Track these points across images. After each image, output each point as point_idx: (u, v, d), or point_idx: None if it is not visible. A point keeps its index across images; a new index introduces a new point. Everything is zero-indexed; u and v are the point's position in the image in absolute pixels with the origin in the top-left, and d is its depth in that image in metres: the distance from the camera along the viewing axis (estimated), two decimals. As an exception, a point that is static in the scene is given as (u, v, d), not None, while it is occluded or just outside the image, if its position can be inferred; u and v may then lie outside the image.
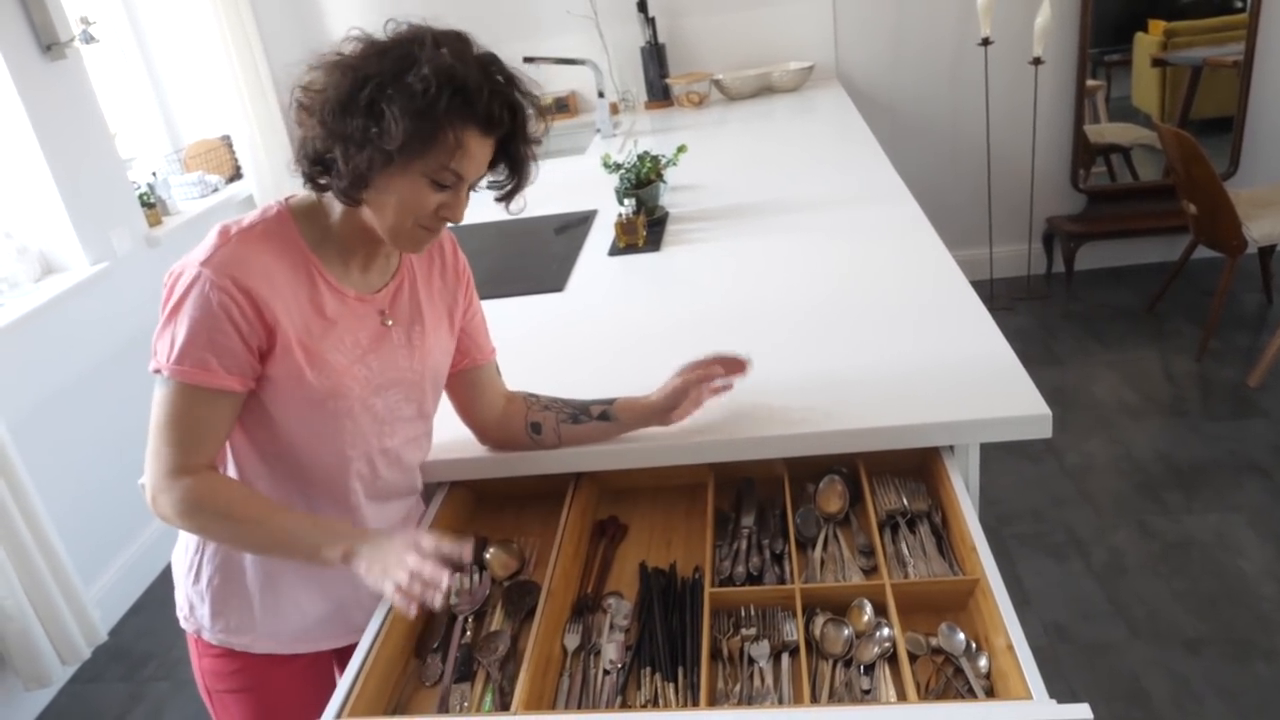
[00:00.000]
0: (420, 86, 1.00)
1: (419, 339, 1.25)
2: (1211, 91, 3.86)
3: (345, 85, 1.03)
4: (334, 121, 1.03)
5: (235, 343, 1.06)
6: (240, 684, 1.29)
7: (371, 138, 1.01)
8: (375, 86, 1.01)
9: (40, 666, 2.39)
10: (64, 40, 2.84)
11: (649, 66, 3.96)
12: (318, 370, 1.13)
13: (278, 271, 1.09)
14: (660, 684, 1.11)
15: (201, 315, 1.04)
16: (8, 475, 2.32)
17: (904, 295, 1.70)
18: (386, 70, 1.02)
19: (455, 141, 1.04)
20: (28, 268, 2.80)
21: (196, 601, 1.26)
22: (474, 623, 1.24)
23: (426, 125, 1.01)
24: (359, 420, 1.19)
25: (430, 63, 1.01)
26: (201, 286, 1.03)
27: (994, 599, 1.07)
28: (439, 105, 1.01)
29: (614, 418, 1.35)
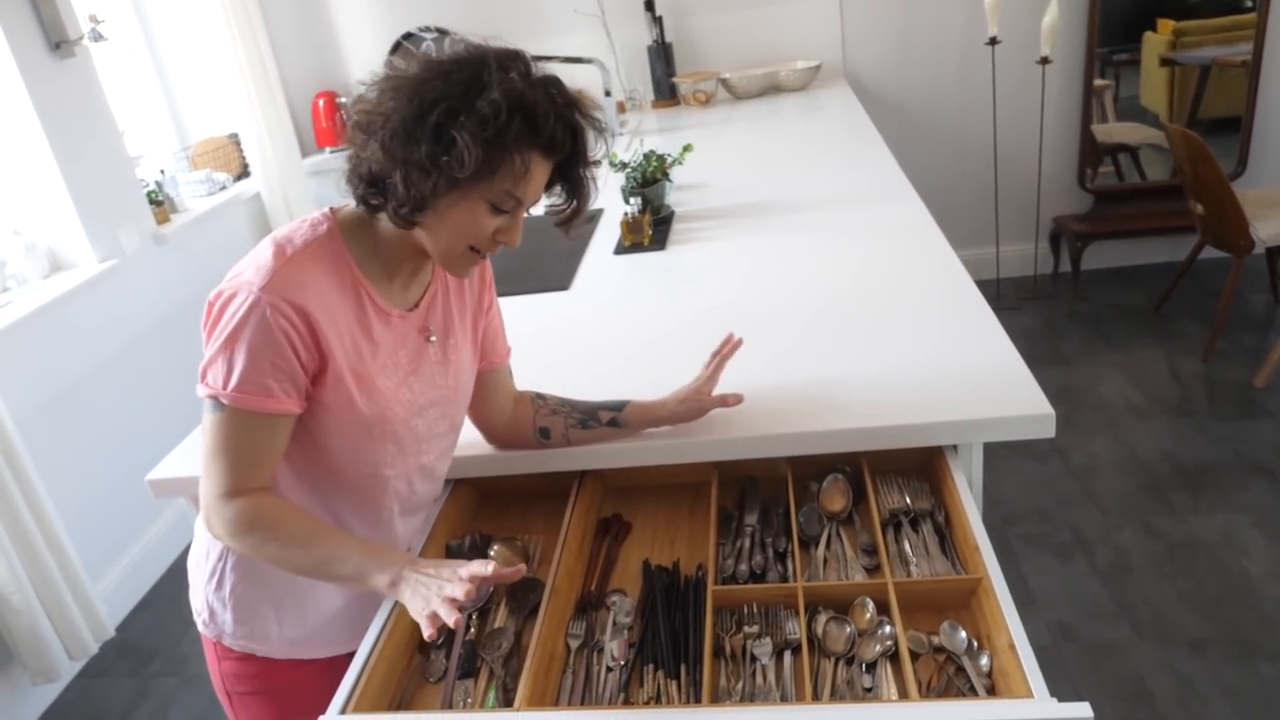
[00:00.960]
0: (490, 111, 0.98)
1: (453, 352, 1.25)
2: (1220, 91, 3.85)
3: (411, 109, 1.00)
4: (397, 146, 1.00)
5: (295, 366, 1.04)
6: (261, 686, 1.30)
7: (441, 165, 0.99)
8: (444, 111, 0.99)
9: (48, 661, 2.41)
10: (73, 38, 2.85)
11: (656, 65, 3.96)
12: (367, 396, 1.12)
13: (330, 294, 1.07)
14: (663, 681, 1.11)
15: (263, 341, 1.02)
16: (16, 471, 2.33)
17: (909, 295, 1.71)
18: (454, 94, 0.99)
19: (522, 166, 1.03)
20: (36, 265, 2.82)
21: (218, 608, 1.26)
22: (478, 619, 1.25)
23: (496, 152, 1.00)
24: (402, 442, 1.19)
25: (500, 86, 0.99)
26: (262, 312, 1.01)
27: (996, 598, 1.07)
28: (510, 131, 0.99)
29: (624, 424, 1.35)
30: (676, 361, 1.58)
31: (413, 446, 1.21)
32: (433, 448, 1.26)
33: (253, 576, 1.23)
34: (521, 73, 1.02)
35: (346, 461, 1.17)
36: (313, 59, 4.22)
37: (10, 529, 2.32)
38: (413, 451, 1.22)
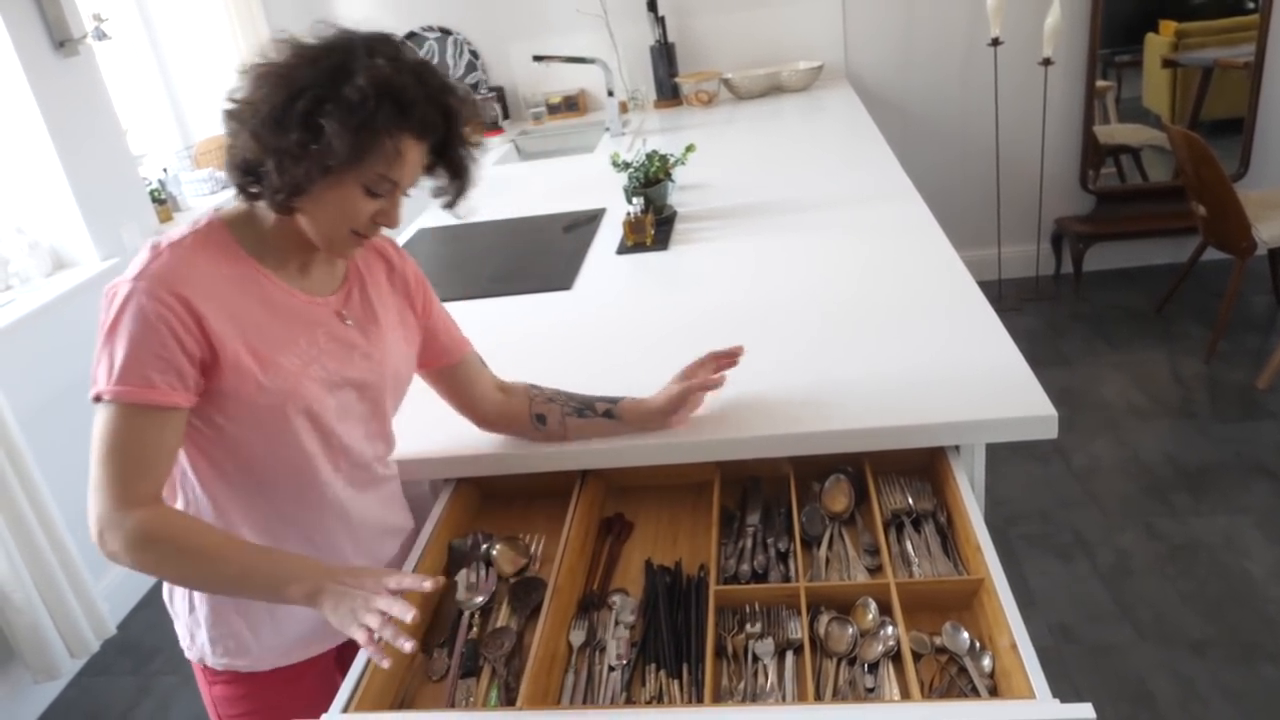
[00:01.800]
0: (358, 98, 0.99)
1: (377, 341, 1.23)
2: (1222, 93, 3.85)
3: (278, 97, 1.00)
4: (268, 134, 1.01)
5: (178, 356, 1.02)
6: (252, 707, 1.29)
7: (311, 153, 1.00)
8: (311, 99, 0.99)
9: (49, 659, 2.41)
10: (77, 37, 2.85)
11: (658, 65, 3.97)
12: (270, 374, 1.10)
13: (217, 279, 1.07)
14: (665, 681, 1.11)
15: (140, 330, 1.01)
16: (18, 469, 2.34)
17: (912, 295, 1.71)
18: (322, 81, 1.00)
19: (394, 150, 1.04)
20: (39, 263, 2.82)
21: (195, 629, 1.26)
22: (480, 618, 1.25)
23: (365, 137, 1.00)
24: (317, 418, 1.16)
25: (367, 72, 0.99)
26: (137, 300, 1.01)
27: (998, 599, 1.07)
28: (378, 117, 1.00)
29: (618, 417, 1.37)
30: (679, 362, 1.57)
31: (329, 422, 1.18)
32: (349, 429, 1.22)
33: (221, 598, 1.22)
34: (390, 57, 1.02)
35: (267, 446, 1.14)
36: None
37: (12, 527, 2.32)
38: (330, 427, 1.18)
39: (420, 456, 1.41)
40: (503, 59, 4.16)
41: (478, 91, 4.15)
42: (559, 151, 3.85)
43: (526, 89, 4.19)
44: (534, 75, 4.13)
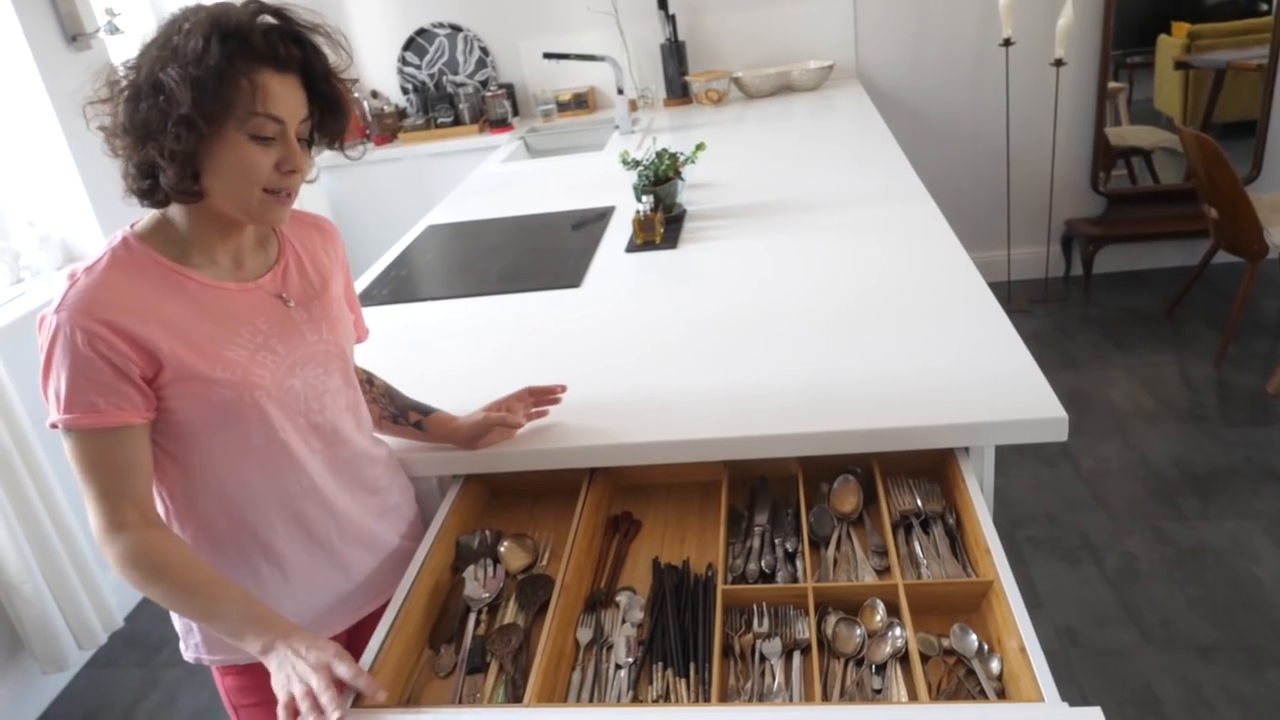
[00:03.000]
0: (189, 45, 0.99)
1: (322, 313, 1.23)
2: (1235, 95, 3.83)
3: (128, 85, 1.03)
4: (132, 122, 1.02)
5: (113, 378, 1.04)
6: (264, 697, 1.26)
7: (166, 110, 1.00)
8: (150, 68, 1.01)
9: (57, 651, 2.42)
10: (89, 31, 2.86)
11: (668, 64, 3.96)
12: (220, 368, 1.10)
13: (139, 295, 1.07)
14: (672, 680, 1.11)
15: (72, 360, 1.03)
16: (28, 462, 2.35)
17: (921, 296, 1.70)
18: (155, 51, 1.02)
19: (250, 85, 1.02)
20: (50, 256, 2.83)
21: (185, 631, 1.27)
22: (487, 615, 1.25)
23: (211, 77, 0.99)
24: (282, 404, 1.16)
25: (193, 21, 1.01)
26: (63, 333, 1.02)
27: (1007, 601, 1.07)
28: (212, 54, 0.99)
29: (426, 429, 1.40)
30: (687, 360, 1.58)
31: (297, 406, 1.19)
32: (323, 405, 1.22)
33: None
34: (218, 5, 1.03)
35: (239, 447, 1.15)
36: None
37: (22, 519, 2.33)
38: (299, 411, 1.19)
39: (428, 452, 1.41)
40: (513, 56, 4.16)
41: (487, 89, 4.15)
42: (568, 149, 3.85)
43: (536, 86, 4.19)
44: (544, 73, 4.13)
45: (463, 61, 4.19)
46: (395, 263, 2.41)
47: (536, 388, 1.43)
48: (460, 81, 4.22)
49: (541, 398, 1.43)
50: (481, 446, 1.39)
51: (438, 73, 4.24)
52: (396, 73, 4.25)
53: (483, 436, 1.38)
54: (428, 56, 4.21)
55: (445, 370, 1.70)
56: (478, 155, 3.86)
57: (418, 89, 4.26)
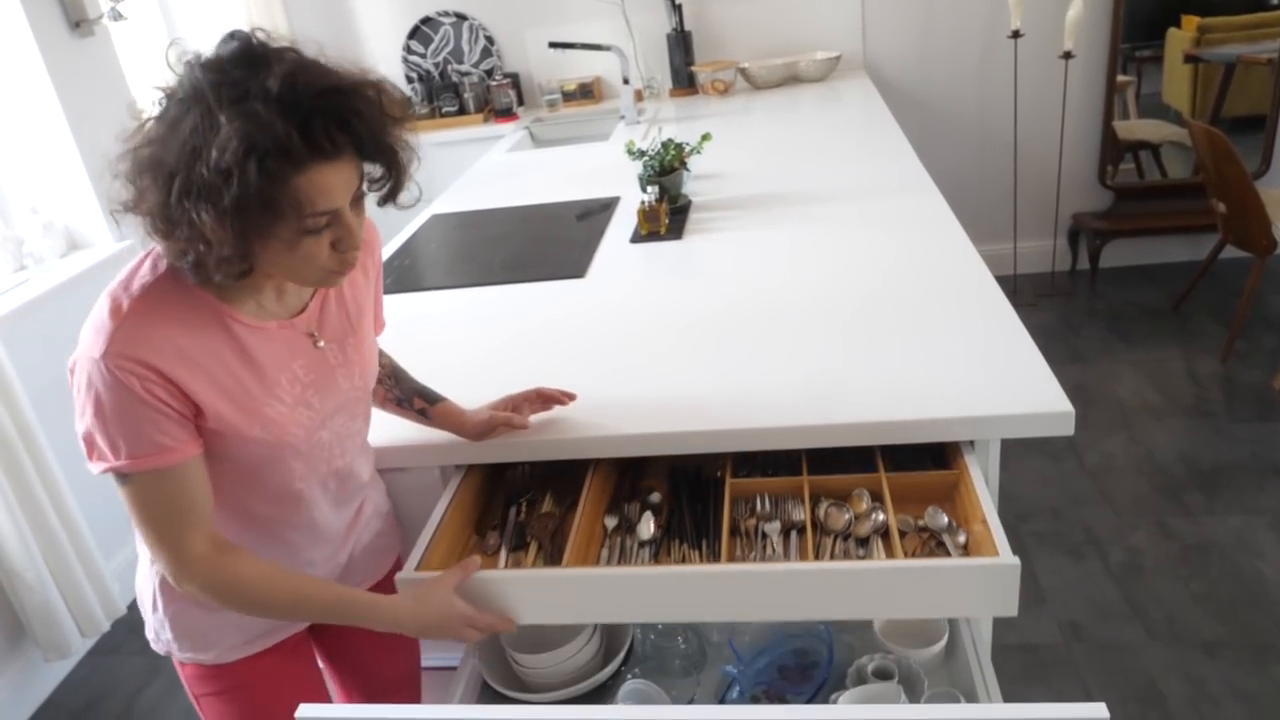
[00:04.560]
0: (220, 180, 0.87)
1: (354, 351, 1.20)
2: (1244, 89, 3.81)
3: (156, 194, 0.92)
4: (167, 231, 0.93)
5: (171, 415, 1.00)
6: (222, 685, 1.29)
7: (204, 246, 0.92)
8: (180, 191, 0.89)
9: (60, 638, 2.43)
10: (92, 17, 2.85)
11: (674, 54, 3.94)
12: (259, 426, 1.08)
13: (185, 336, 1.01)
14: (687, 552, 1.30)
15: (127, 405, 0.97)
16: (31, 450, 2.35)
17: (927, 289, 1.69)
18: (181, 164, 0.89)
19: (296, 194, 0.91)
20: (53, 243, 2.83)
21: (159, 628, 1.25)
22: (527, 508, 1.42)
23: (252, 204, 0.89)
24: (309, 457, 1.17)
25: (220, 145, 0.87)
26: (113, 378, 0.96)
27: (974, 489, 1.22)
28: (252, 183, 0.87)
29: (431, 418, 1.39)
30: (692, 351, 1.57)
31: (321, 455, 1.18)
32: (346, 451, 1.23)
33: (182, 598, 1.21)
34: (240, 96, 0.88)
35: (252, 486, 1.15)
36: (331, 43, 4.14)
37: (25, 506, 2.33)
38: (323, 459, 1.19)
39: (429, 443, 1.41)
40: (518, 45, 4.14)
41: (492, 78, 4.13)
42: (574, 139, 3.84)
43: (542, 76, 4.17)
44: (549, 62, 4.12)
45: (468, 50, 4.18)
46: (399, 252, 2.40)
47: (545, 391, 1.40)
48: (465, 71, 4.21)
49: (549, 402, 1.41)
50: (485, 440, 1.38)
51: (442, 61, 4.22)
52: (401, 61, 4.23)
53: (487, 435, 1.37)
54: (433, 45, 4.20)
55: (448, 360, 1.70)
56: (482, 145, 3.85)
57: (422, 78, 4.24)
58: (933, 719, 0.95)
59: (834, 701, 1.24)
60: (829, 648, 1.33)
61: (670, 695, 1.31)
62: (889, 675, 1.28)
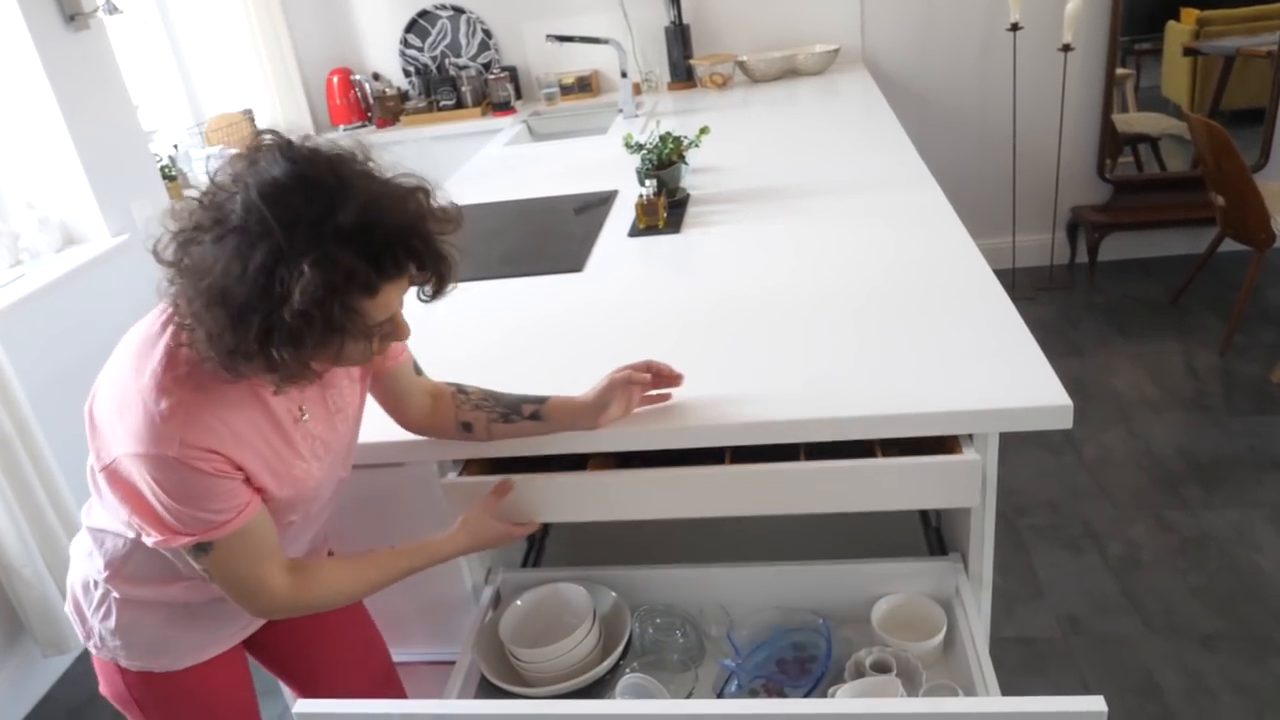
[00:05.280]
0: (303, 323, 0.91)
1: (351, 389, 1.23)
2: (1243, 82, 3.80)
3: (232, 332, 0.93)
4: (231, 354, 0.95)
5: (239, 479, 1.05)
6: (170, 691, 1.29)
7: (281, 367, 0.96)
8: (260, 332, 0.92)
9: (58, 634, 2.42)
10: (87, 10, 2.84)
11: (673, 47, 3.93)
12: (289, 486, 1.13)
13: (231, 414, 1.03)
14: None
15: (202, 485, 1.01)
16: (27, 444, 2.34)
17: (926, 282, 1.69)
18: (258, 304, 0.91)
19: (368, 313, 0.97)
20: (49, 238, 2.82)
21: (107, 636, 1.24)
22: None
23: (333, 336, 0.95)
24: (309, 501, 1.20)
25: (302, 290, 0.89)
26: (186, 467, 0.99)
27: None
28: (336, 318, 0.93)
29: (545, 418, 1.33)
30: (689, 345, 1.57)
31: (312, 496, 1.21)
32: (330, 487, 1.25)
33: (140, 608, 1.22)
34: (317, 238, 0.90)
35: None
36: (328, 35, 4.21)
37: (22, 502, 2.33)
38: (313, 499, 1.22)
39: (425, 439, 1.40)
40: (516, 38, 4.13)
41: (489, 71, 4.12)
42: (572, 133, 3.83)
43: (539, 69, 4.16)
44: (547, 55, 4.11)
45: (465, 44, 4.16)
46: (396, 246, 2.39)
47: (657, 364, 1.35)
48: (463, 64, 4.20)
49: (660, 378, 1.36)
50: (605, 423, 1.33)
51: (440, 55, 4.21)
52: (398, 55, 4.22)
53: (608, 405, 1.31)
54: (430, 38, 4.18)
55: (446, 355, 1.69)
56: (480, 139, 3.84)
57: (420, 71, 4.23)
58: (931, 712, 0.95)
59: (832, 695, 1.24)
60: (827, 641, 1.33)
61: (669, 689, 1.31)
62: (887, 668, 1.28)
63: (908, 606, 1.40)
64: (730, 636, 1.40)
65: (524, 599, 1.45)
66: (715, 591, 1.48)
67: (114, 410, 1.02)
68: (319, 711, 1.07)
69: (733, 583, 1.48)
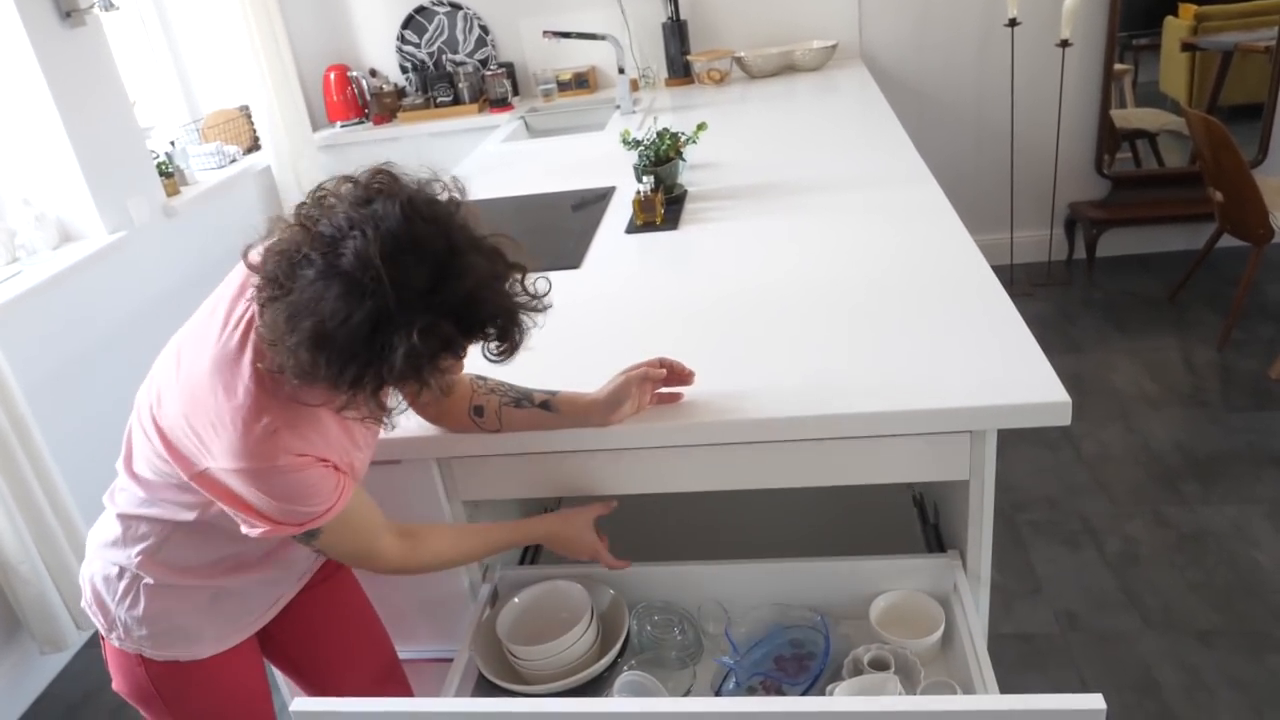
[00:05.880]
0: (402, 377, 0.98)
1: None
2: (1241, 77, 3.80)
3: (311, 360, 0.96)
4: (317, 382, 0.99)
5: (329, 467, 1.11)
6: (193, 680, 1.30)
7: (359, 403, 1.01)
8: (355, 377, 0.97)
9: (56, 631, 2.42)
10: (83, 7, 2.83)
11: (670, 43, 3.92)
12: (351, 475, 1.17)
13: (315, 420, 1.09)
14: None
15: (306, 481, 1.07)
16: (24, 441, 2.34)
17: (924, 279, 1.68)
18: (362, 354, 0.95)
19: (443, 373, 1.03)
20: (45, 235, 2.81)
21: (133, 625, 1.24)
22: None
23: (412, 388, 1.02)
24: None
25: (407, 352, 0.95)
26: (284, 473, 1.05)
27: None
28: (424, 374, 0.99)
29: (555, 409, 1.34)
30: (687, 342, 1.56)
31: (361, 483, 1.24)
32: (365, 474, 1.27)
33: (170, 595, 1.23)
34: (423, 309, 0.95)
35: None
36: (325, 31, 4.20)
37: (18, 499, 2.32)
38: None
39: (423, 435, 1.40)
40: (513, 34, 4.12)
41: (487, 67, 4.12)
42: (569, 129, 3.82)
43: (536, 65, 4.15)
44: (544, 51, 4.10)
45: (462, 40, 4.15)
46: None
47: (670, 361, 1.35)
48: (460, 60, 4.19)
49: (673, 374, 1.36)
50: (616, 420, 1.33)
51: (437, 51, 4.20)
52: (395, 51, 4.21)
53: (621, 403, 1.32)
54: (427, 35, 4.17)
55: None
56: (477, 135, 3.83)
57: (417, 68, 4.22)
58: (929, 710, 0.95)
59: (830, 692, 1.24)
60: (825, 638, 1.33)
61: (667, 687, 1.31)
62: (885, 666, 1.28)
63: (906, 603, 1.40)
64: (728, 634, 1.40)
65: (522, 596, 1.45)
66: (713, 589, 1.48)
67: (202, 426, 1.05)
68: (317, 710, 1.07)
69: (731, 580, 1.47)
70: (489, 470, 1.45)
